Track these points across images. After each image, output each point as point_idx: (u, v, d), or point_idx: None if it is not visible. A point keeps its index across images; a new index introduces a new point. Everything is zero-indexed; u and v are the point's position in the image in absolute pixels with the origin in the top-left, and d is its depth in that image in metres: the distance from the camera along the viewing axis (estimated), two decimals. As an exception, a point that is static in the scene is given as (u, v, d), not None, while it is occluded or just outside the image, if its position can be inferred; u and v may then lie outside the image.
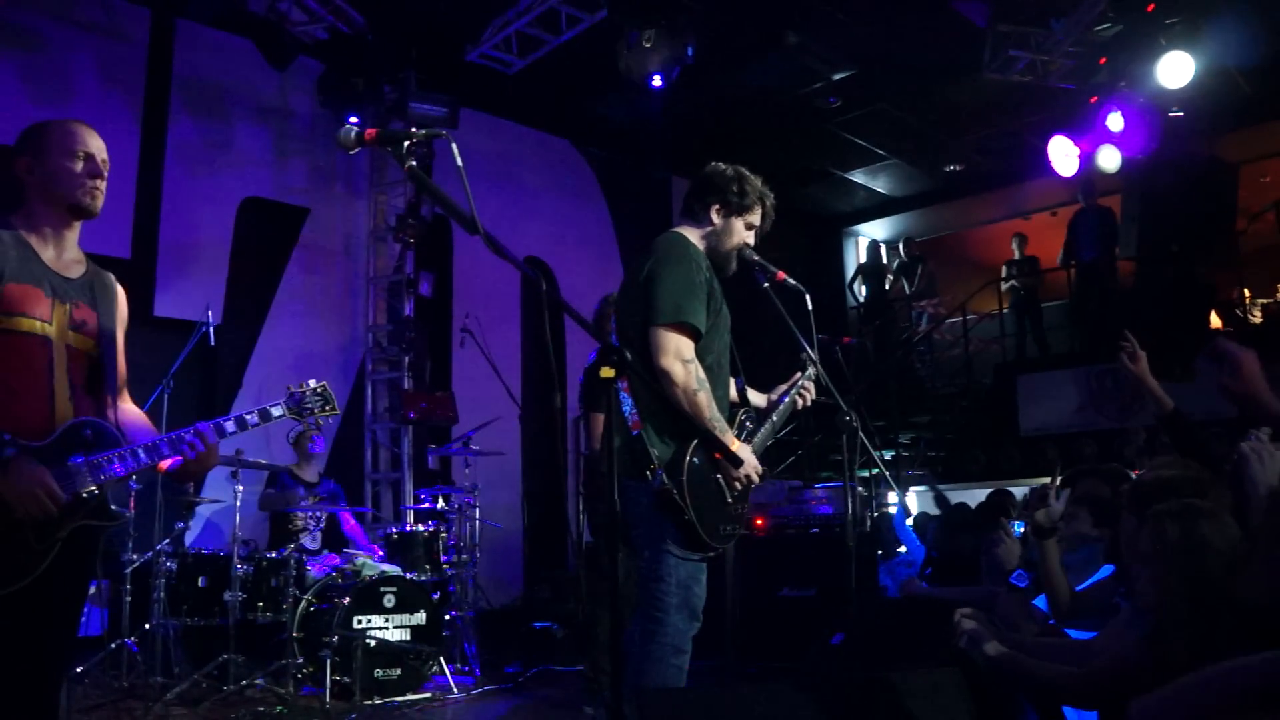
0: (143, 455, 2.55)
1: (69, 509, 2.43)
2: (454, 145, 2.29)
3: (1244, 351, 2.78)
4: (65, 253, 2.67)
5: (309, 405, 2.87)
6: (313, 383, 2.90)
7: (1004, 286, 11.98)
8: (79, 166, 2.61)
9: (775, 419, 3.59)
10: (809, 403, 3.68)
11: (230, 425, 2.67)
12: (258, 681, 5.30)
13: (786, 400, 3.63)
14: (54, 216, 2.62)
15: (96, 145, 2.66)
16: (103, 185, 2.65)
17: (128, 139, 7.39)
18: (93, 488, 2.48)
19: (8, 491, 2.33)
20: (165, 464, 2.61)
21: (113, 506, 2.56)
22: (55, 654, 2.52)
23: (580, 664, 6.33)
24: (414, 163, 2.35)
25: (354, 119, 7.50)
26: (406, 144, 2.33)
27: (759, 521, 6.23)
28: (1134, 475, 3.76)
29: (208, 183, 7.89)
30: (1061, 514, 3.56)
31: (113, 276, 2.81)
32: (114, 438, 2.56)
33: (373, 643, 5.50)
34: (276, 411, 2.81)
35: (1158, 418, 3.54)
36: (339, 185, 8.77)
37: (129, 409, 2.79)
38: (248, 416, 2.72)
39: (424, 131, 2.36)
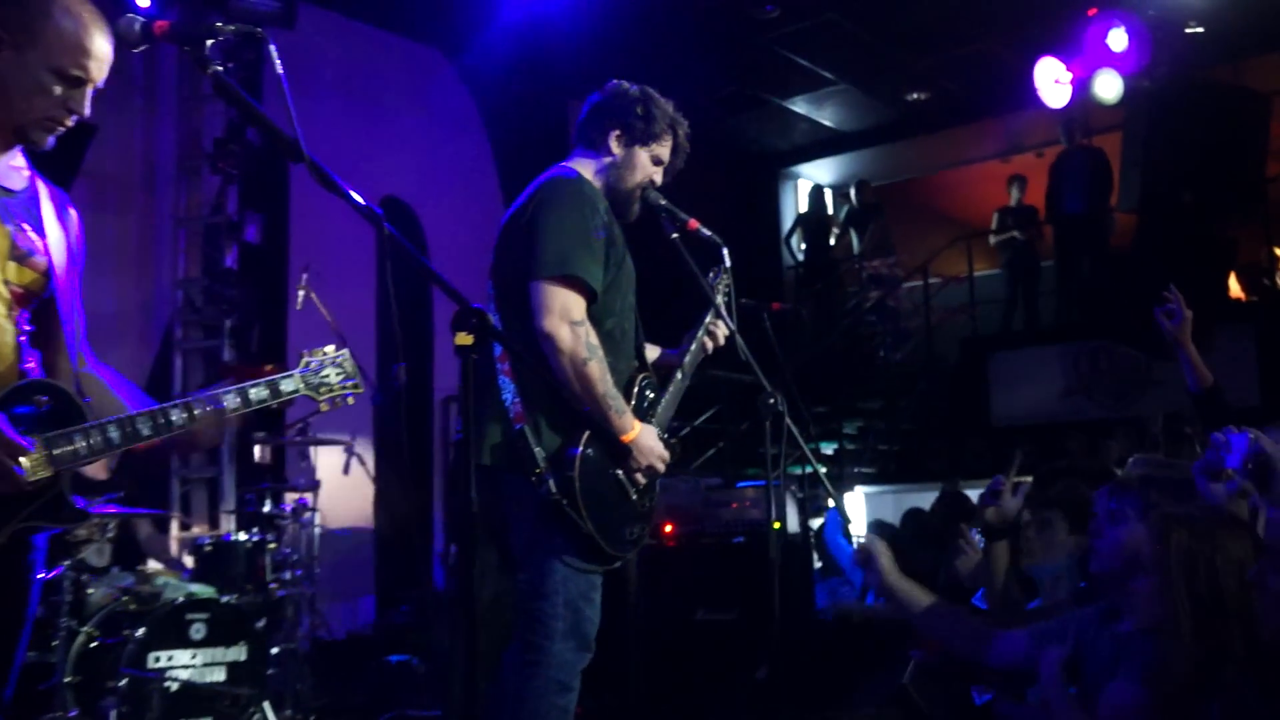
0: (114, 434, 2.38)
1: (8, 504, 2.27)
2: (272, 46, 2.23)
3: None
4: (3, 158, 2.50)
5: (326, 380, 2.72)
6: (330, 349, 2.75)
7: (993, 241, 12.15)
8: (61, 91, 2.40)
9: (681, 378, 3.61)
10: (721, 342, 3.69)
11: (231, 400, 2.53)
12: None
13: (693, 348, 3.64)
14: None
15: (99, 61, 2.45)
16: (73, 123, 2.47)
17: None
18: (45, 475, 2.30)
19: None
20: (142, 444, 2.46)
21: (73, 502, 2.40)
22: None
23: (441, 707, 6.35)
24: (220, 68, 2.28)
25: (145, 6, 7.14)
26: (210, 42, 2.25)
27: (669, 529, 6.27)
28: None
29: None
30: (1020, 510, 3.66)
31: (66, 195, 2.65)
32: (77, 409, 2.41)
33: (175, 686, 5.39)
34: (288, 386, 2.64)
35: (1194, 393, 3.67)
36: (137, 98, 8.50)
37: (94, 374, 2.63)
38: (252, 392, 2.57)
39: (233, 27, 2.29)
